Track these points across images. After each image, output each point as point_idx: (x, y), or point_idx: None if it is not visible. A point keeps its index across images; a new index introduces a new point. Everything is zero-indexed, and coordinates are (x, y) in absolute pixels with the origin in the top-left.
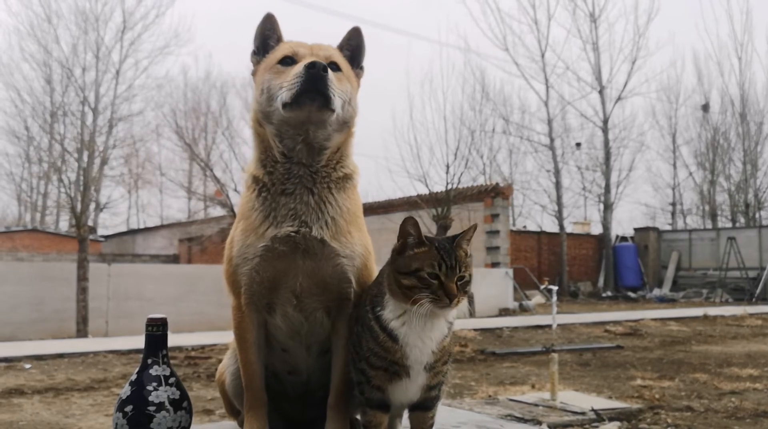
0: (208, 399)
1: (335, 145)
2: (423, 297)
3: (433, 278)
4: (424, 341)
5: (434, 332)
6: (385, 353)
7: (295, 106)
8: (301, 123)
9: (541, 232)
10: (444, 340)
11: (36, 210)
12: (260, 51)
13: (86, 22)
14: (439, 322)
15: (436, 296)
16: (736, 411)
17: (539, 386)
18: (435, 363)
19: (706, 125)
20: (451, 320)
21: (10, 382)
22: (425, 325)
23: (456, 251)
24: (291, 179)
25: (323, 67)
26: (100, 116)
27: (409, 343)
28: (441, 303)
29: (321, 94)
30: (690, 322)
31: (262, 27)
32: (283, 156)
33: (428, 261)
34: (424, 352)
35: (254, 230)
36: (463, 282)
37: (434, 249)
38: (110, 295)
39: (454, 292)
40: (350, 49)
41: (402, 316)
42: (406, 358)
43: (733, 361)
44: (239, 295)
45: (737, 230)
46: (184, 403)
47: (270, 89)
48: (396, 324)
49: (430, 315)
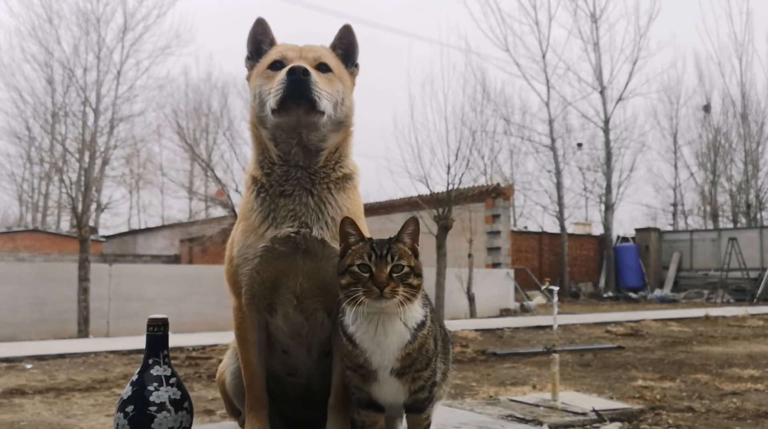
0: (209, 399)
1: (332, 145)
2: (357, 292)
3: (365, 271)
4: (381, 347)
5: (390, 337)
6: (352, 357)
7: (283, 112)
8: (292, 128)
9: (542, 232)
10: (408, 347)
11: (37, 210)
12: (253, 56)
13: (87, 22)
14: (393, 325)
15: (366, 288)
16: (738, 412)
17: (540, 387)
18: (404, 369)
19: (708, 126)
20: (414, 323)
21: (12, 383)
22: (377, 329)
23: (392, 244)
24: (289, 181)
25: (303, 70)
26: (101, 117)
27: (368, 348)
28: (371, 294)
29: (305, 98)
30: (691, 322)
31: (253, 32)
32: (280, 159)
33: (359, 254)
34: (384, 358)
35: (254, 231)
36: (401, 273)
37: (368, 244)
38: (111, 295)
39: (382, 280)
40: (343, 48)
41: (357, 321)
42: (370, 363)
43: (735, 361)
44: (240, 296)
45: (738, 231)
46: (185, 403)
47: (261, 95)
48: (353, 329)
49: (379, 316)
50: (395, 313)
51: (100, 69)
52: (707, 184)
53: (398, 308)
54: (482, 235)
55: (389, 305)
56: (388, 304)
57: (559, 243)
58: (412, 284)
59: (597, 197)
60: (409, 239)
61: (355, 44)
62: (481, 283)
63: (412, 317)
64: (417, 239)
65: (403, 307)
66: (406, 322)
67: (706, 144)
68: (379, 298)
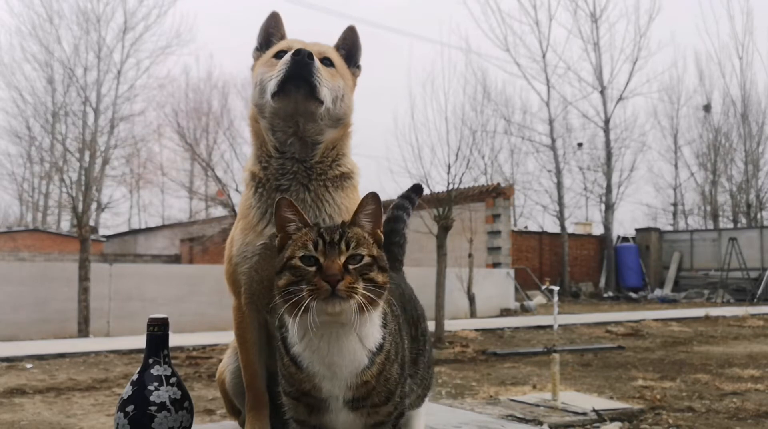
0: (210, 399)
1: (329, 141)
2: (300, 294)
3: (310, 264)
4: (332, 370)
5: (344, 359)
6: (295, 382)
7: (282, 95)
8: (290, 115)
9: (543, 232)
10: (366, 373)
11: (38, 210)
12: (262, 48)
13: (88, 22)
14: (348, 342)
15: (314, 285)
16: (738, 412)
17: (540, 387)
18: (361, 400)
19: (708, 126)
20: (373, 345)
21: (12, 382)
22: (329, 348)
23: (346, 229)
24: (286, 175)
25: (308, 54)
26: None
27: (316, 372)
28: (320, 292)
29: (306, 82)
30: (691, 322)
31: (266, 25)
32: (277, 150)
33: (301, 242)
34: (335, 385)
35: (252, 228)
36: (359, 264)
37: (315, 229)
38: (112, 295)
39: (334, 272)
40: (346, 48)
41: (304, 337)
42: (320, 391)
43: (735, 361)
44: (239, 295)
45: (739, 231)
46: (186, 403)
47: (262, 81)
48: (298, 348)
49: (332, 329)
50: (352, 325)
51: (100, 68)
52: (707, 184)
53: (357, 315)
54: (483, 234)
55: (344, 310)
56: (342, 307)
57: (560, 243)
58: (376, 280)
59: (597, 197)
60: (368, 223)
61: (358, 45)
62: (481, 283)
63: (370, 335)
64: (379, 223)
65: (365, 313)
66: (362, 340)
67: (706, 144)
68: (330, 297)
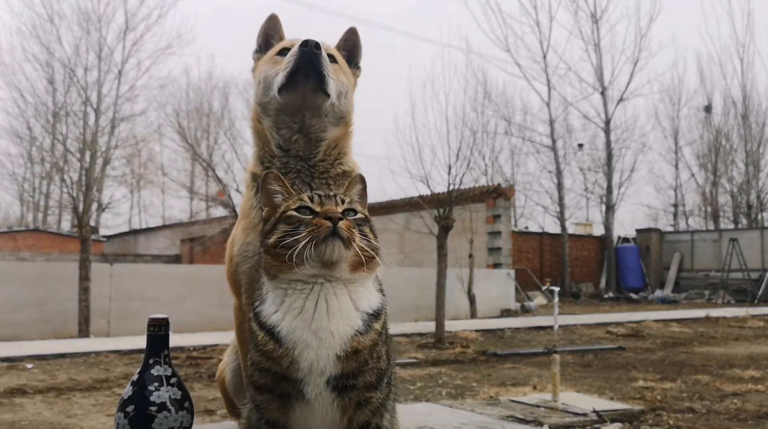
0: (210, 399)
1: (332, 138)
2: (298, 238)
3: (305, 213)
4: (318, 336)
5: (333, 321)
6: (268, 363)
7: (291, 88)
8: (296, 109)
9: (543, 233)
10: (357, 338)
11: (38, 210)
12: (262, 49)
13: (88, 22)
14: (339, 303)
15: (314, 226)
16: (738, 412)
17: (541, 387)
18: (348, 376)
19: (709, 126)
20: (369, 308)
21: (12, 382)
22: (316, 309)
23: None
24: (289, 174)
25: (315, 44)
26: (102, 116)
27: (297, 340)
28: (321, 231)
29: (316, 72)
30: (692, 323)
31: (265, 26)
32: (280, 148)
33: (295, 199)
34: (321, 355)
35: (254, 228)
36: (356, 217)
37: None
38: (112, 295)
39: (335, 211)
40: (347, 49)
41: (284, 302)
42: (297, 367)
43: (735, 362)
44: (240, 295)
45: (739, 232)
46: (186, 403)
47: (267, 78)
48: (277, 317)
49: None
50: (348, 281)
51: (101, 69)
52: (708, 185)
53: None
54: (483, 235)
55: (342, 258)
56: (341, 254)
57: (560, 243)
58: (370, 239)
59: (598, 198)
60: (357, 199)
61: (359, 46)
62: (481, 284)
63: (363, 297)
64: (365, 204)
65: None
66: (355, 300)
67: (707, 145)
68: (330, 238)
